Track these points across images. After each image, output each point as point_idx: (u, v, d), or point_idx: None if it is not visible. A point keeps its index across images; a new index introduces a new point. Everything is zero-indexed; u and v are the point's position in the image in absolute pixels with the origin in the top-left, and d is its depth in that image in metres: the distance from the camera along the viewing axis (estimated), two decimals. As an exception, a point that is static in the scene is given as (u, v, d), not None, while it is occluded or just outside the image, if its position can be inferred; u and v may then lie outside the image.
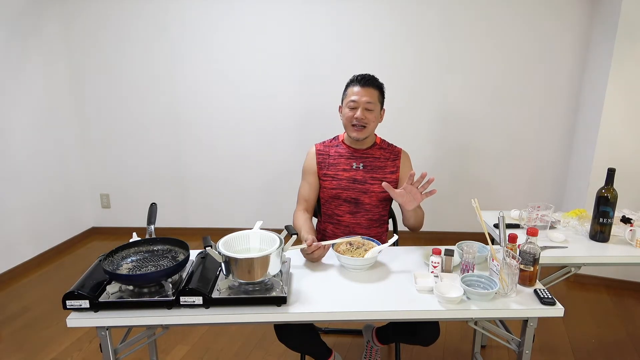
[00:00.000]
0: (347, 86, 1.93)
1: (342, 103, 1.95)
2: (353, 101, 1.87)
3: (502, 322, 1.88)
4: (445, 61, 3.39)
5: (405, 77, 3.44)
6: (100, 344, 1.41)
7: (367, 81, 1.88)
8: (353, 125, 1.89)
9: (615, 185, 1.89)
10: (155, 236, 1.63)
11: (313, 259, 1.68)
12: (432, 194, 1.69)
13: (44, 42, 3.44)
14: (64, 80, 3.65)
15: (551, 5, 3.20)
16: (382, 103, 1.94)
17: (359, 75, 1.91)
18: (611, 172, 1.89)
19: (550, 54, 3.28)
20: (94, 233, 4.04)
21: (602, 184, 1.91)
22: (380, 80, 1.94)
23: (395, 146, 2.03)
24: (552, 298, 1.40)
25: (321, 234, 2.09)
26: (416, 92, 3.47)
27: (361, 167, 1.95)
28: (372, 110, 1.88)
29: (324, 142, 2.05)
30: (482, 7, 3.26)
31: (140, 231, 1.73)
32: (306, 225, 1.85)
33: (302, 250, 1.68)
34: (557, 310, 1.38)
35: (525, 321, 1.42)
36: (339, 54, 3.46)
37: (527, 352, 1.45)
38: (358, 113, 1.86)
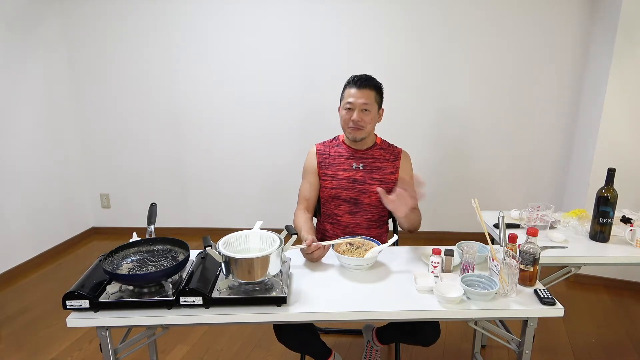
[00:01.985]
0: (345, 87, 1.92)
1: (340, 104, 1.95)
2: (349, 103, 1.86)
3: (502, 322, 1.88)
4: (446, 61, 3.39)
5: (406, 76, 3.44)
6: (100, 344, 1.41)
7: (364, 82, 1.86)
8: (350, 127, 1.89)
9: (615, 185, 1.89)
10: (155, 236, 1.63)
11: (313, 259, 1.69)
12: (422, 198, 1.70)
13: (44, 42, 3.44)
14: (63, 80, 3.65)
15: (552, 5, 3.20)
16: (379, 103, 1.92)
17: (355, 76, 1.89)
18: (611, 172, 1.89)
19: (550, 54, 3.28)
20: (94, 233, 4.04)
21: (602, 184, 1.91)
22: (380, 80, 1.93)
23: (396, 147, 2.03)
24: (552, 298, 1.40)
25: (321, 234, 2.09)
26: (417, 91, 3.47)
27: (361, 167, 1.95)
28: (369, 111, 1.87)
29: (324, 142, 2.05)
30: (482, 7, 3.26)
31: (140, 231, 1.73)
32: (306, 225, 1.85)
33: (302, 250, 1.68)
34: (557, 310, 1.38)
35: (525, 321, 1.42)
36: (340, 54, 3.45)
37: (527, 352, 1.45)
38: (354, 115, 1.85)
